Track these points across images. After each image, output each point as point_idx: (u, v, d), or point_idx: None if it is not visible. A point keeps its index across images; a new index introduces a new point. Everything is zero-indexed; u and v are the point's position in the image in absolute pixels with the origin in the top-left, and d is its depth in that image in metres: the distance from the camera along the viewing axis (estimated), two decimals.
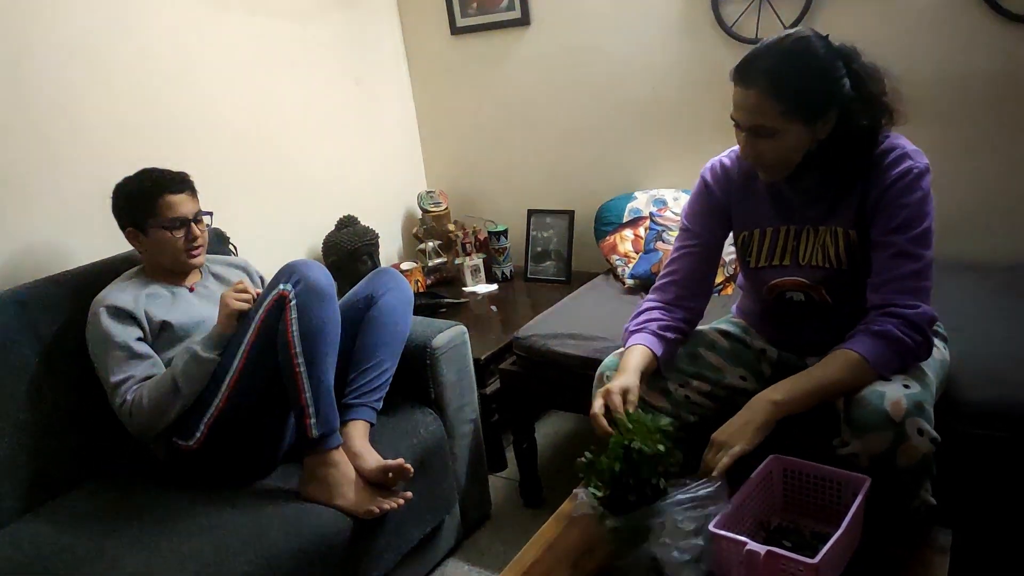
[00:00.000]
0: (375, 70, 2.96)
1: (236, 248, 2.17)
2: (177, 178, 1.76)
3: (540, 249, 2.88)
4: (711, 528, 1.15)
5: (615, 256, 2.54)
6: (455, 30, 2.92)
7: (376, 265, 2.66)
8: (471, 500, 2.07)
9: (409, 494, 1.64)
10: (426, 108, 3.14)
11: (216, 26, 2.35)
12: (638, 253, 2.48)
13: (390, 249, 3.07)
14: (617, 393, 1.36)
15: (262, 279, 2.00)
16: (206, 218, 1.82)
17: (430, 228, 3.00)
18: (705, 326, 1.65)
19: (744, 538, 1.12)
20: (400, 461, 1.62)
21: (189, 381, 1.61)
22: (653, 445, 1.22)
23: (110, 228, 1.78)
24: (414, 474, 1.65)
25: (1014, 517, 1.51)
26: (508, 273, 2.91)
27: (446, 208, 3.04)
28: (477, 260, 2.87)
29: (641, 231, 2.53)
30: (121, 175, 1.77)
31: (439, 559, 1.99)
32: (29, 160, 1.91)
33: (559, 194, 2.91)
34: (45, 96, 1.93)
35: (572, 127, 2.82)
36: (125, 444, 1.74)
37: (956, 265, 2.03)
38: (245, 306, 1.66)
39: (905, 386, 1.27)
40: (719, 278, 2.28)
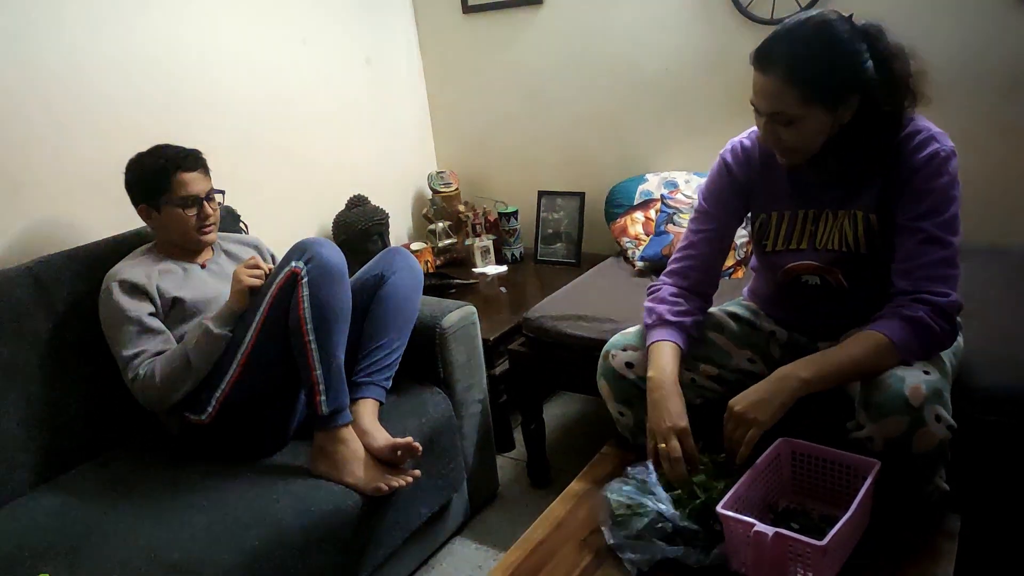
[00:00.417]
0: (386, 49, 2.94)
1: (247, 226, 2.17)
2: (191, 156, 1.76)
3: (550, 231, 2.88)
4: (719, 509, 1.16)
5: (625, 238, 2.53)
6: (467, 8, 2.90)
7: (386, 245, 2.67)
8: (479, 479, 2.08)
9: (417, 472, 1.65)
10: (437, 87, 3.13)
11: (228, 4, 2.34)
12: (649, 235, 2.48)
13: (400, 229, 3.07)
14: (689, 433, 1.35)
15: (273, 257, 2.00)
16: (218, 196, 1.82)
17: (440, 208, 2.99)
18: (714, 308, 1.64)
19: (752, 519, 1.13)
20: (409, 439, 1.63)
21: (201, 356, 1.62)
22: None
23: (123, 204, 1.78)
24: (422, 453, 1.66)
25: None
26: (518, 254, 2.91)
27: (456, 189, 3.03)
28: (487, 241, 2.87)
29: (652, 213, 2.51)
30: (133, 151, 1.77)
31: (446, 537, 2.01)
32: (42, 136, 1.91)
33: (570, 175, 2.90)
34: (57, 72, 1.93)
35: (584, 108, 2.81)
36: (138, 418, 1.75)
37: (970, 249, 2.00)
38: (257, 282, 1.67)
39: (925, 372, 1.26)
40: (730, 261, 2.28)
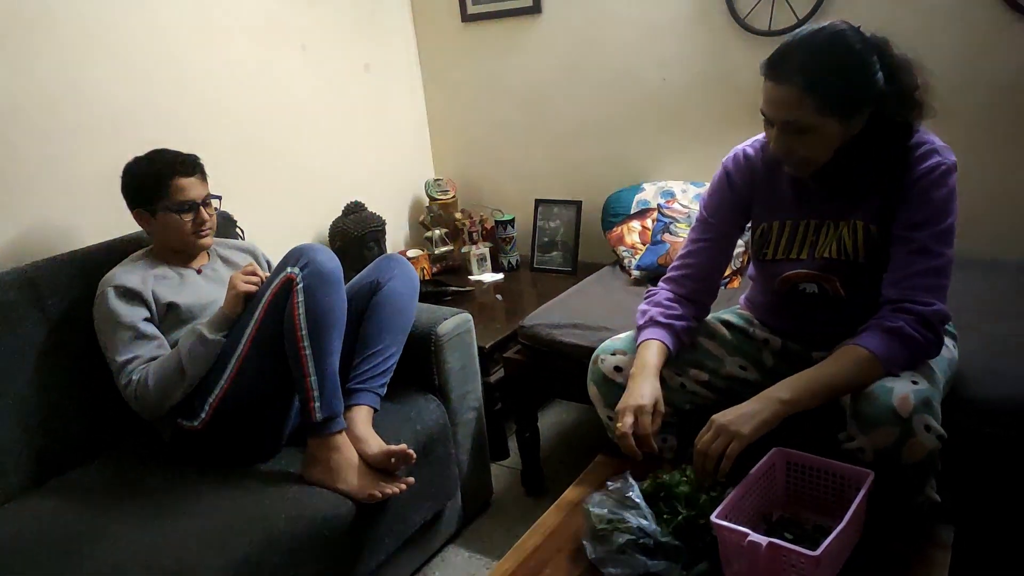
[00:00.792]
0: (385, 55, 2.95)
1: (243, 232, 2.17)
2: (188, 161, 1.76)
3: (547, 239, 2.88)
4: (713, 519, 1.16)
5: (622, 247, 2.54)
6: (466, 17, 2.91)
7: (382, 252, 2.66)
8: (473, 487, 2.07)
9: (411, 479, 1.64)
10: (435, 95, 3.14)
11: (226, 9, 2.34)
12: (645, 245, 2.48)
13: (397, 236, 3.07)
14: (648, 412, 1.36)
15: (269, 263, 2.00)
16: (215, 202, 1.82)
17: (437, 216, 2.99)
18: (708, 316, 1.64)
19: (746, 529, 1.12)
20: (403, 447, 1.63)
21: (194, 362, 1.62)
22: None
23: (119, 208, 1.78)
24: (416, 460, 1.65)
25: (1020, 516, 1.50)
26: (514, 262, 2.91)
27: (453, 196, 3.03)
28: (483, 249, 2.87)
29: (649, 223, 2.52)
30: (130, 156, 1.77)
31: (440, 545, 2.00)
32: (38, 139, 1.91)
33: (567, 184, 2.90)
34: (54, 75, 1.93)
35: (581, 117, 2.81)
36: (131, 423, 1.75)
37: (967, 262, 2.01)
38: (253, 288, 1.67)
39: (913, 382, 1.27)
40: (726, 271, 2.28)
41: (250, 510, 1.49)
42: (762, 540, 1.10)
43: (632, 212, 2.58)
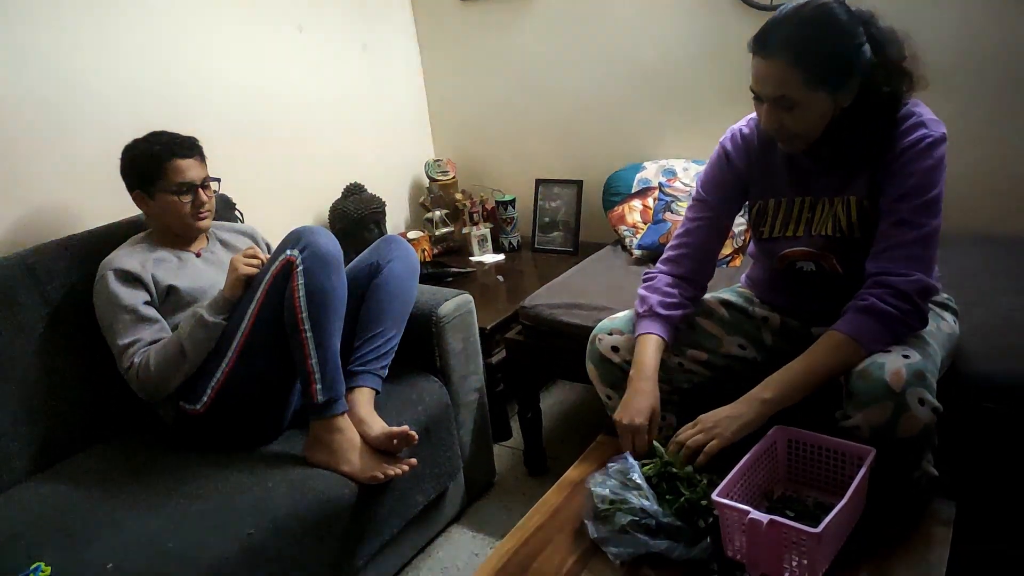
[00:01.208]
0: (383, 35, 2.92)
1: (242, 214, 2.16)
2: (186, 143, 1.75)
3: (548, 219, 2.87)
4: (714, 497, 1.16)
5: (623, 227, 2.53)
6: None
7: (383, 233, 2.66)
8: (475, 468, 2.08)
9: (413, 461, 1.65)
10: (434, 75, 3.11)
11: None
12: (646, 224, 2.47)
13: (397, 218, 3.06)
14: (645, 431, 1.38)
15: (268, 246, 1.99)
16: (213, 184, 1.81)
17: (437, 197, 2.98)
18: (707, 295, 1.64)
19: (747, 507, 1.13)
20: (405, 428, 1.63)
21: (195, 345, 1.62)
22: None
23: (118, 192, 1.77)
24: (419, 441, 1.66)
25: (1022, 491, 1.51)
26: (515, 243, 2.90)
27: (453, 177, 3.02)
28: (484, 230, 2.86)
29: (650, 202, 2.51)
30: (128, 138, 1.76)
31: (443, 526, 2.01)
32: (36, 123, 1.90)
33: (568, 164, 2.89)
34: (50, 59, 1.91)
35: (581, 96, 2.79)
36: (133, 407, 1.75)
37: (967, 237, 2.01)
38: (253, 271, 1.66)
39: (905, 356, 1.26)
40: (727, 250, 2.27)
41: (253, 493, 1.49)
42: (763, 518, 1.10)
43: (633, 191, 2.57)
